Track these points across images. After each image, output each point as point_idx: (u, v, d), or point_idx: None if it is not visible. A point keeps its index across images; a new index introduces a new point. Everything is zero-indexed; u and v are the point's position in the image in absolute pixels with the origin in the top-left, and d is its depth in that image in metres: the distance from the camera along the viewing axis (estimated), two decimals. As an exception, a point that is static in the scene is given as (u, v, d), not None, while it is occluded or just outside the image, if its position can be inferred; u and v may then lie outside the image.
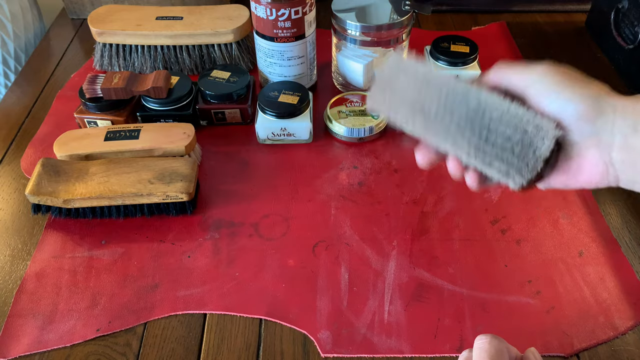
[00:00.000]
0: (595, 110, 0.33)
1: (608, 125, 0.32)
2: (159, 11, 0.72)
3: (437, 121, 0.37)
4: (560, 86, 0.34)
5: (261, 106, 0.61)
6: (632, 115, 0.32)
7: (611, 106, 0.33)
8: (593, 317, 0.47)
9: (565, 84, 0.35)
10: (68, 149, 0.56)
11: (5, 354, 0.45)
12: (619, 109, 0.32)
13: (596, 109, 0.33)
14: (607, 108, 0.33)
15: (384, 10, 0.64)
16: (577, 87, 0.34)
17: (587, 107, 0.33)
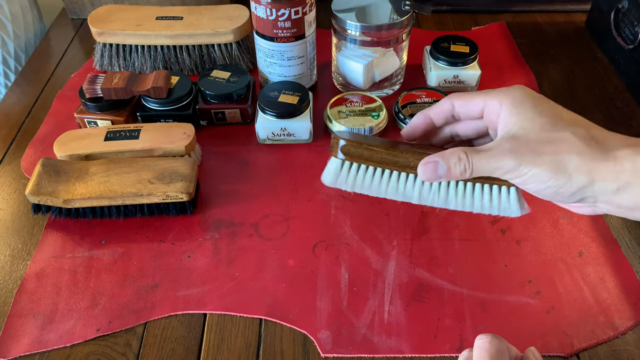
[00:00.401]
0: (573, 186, 0.34)
1: (589, 193, 0.34)
2: (159, 11, 0.72)
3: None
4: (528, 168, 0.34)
5: (261, 106, 0.61)
6: (613, 180, 0.33)
7: (587, 176, 0.33)
8: (593, 317, 0.47)
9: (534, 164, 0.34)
10: (68, 149, 0.56)
11: (5, 354, 0.45)
12: (597, 176, 0.33)
13: (574, 183, 0.34)
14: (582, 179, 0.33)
15: (384, 10, 0.64)
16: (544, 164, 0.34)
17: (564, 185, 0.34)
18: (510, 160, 0.35)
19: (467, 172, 0.37)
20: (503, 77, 0.73)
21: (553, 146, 0.34)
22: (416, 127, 0.41)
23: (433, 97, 0.65)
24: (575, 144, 0.34)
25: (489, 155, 0.36)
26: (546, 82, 0.73)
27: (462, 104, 0.39)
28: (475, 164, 0.36)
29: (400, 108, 0.64)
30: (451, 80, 0.70)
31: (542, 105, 0.36)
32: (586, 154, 0.33)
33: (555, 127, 0.35)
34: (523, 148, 0.35)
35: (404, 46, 0.67)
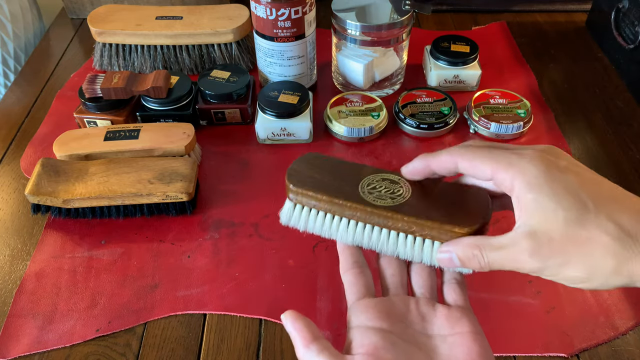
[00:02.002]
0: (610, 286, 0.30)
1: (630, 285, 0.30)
2: (158, 11, 0.72)
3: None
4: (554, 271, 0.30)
5: (261, 106, 0.61)
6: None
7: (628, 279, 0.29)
8: (593, 317, 0.47)
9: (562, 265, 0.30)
10: (68, 148, 0.56)
11: (5, 354, 0.45)
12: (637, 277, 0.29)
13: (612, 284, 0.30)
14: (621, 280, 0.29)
15: (384, 10, 0.64)
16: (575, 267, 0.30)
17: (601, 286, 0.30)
18: (533, 263, 0.31)
19: (484, 269, 0.33)
20: (503, 77, 0.73)
21: (582, 249, 0.30)
22: (415, 173, 0.38)
23: (433, 97, 0.65)
24: (609, 246, 0.29)
25: (507, 254, 0.31)
26: (546, 82, 0.73)
27: (467, 167, 0.34)
28: (492, 262, 0.32)
29: (401, 108, 0.64)
30: (451, 80, 0.69)
31: (562, 189, 0.30)
32: (622, 256, 0.29)
33: (582, 222, 0.29)
34: (545, 249, 0.30)
35: (404, 46, 0.67)
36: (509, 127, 0.62)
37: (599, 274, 0.30)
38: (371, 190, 0.38)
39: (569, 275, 0.31)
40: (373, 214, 0.37)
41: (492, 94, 0.66)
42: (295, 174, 0.41)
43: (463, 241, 0.34)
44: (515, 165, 0.31)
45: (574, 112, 0.68)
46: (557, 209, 0.30)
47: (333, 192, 0.38)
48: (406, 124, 0.63)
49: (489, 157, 0.33)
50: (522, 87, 0.71)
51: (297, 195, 0.40)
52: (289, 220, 0.41)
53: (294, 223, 0.41)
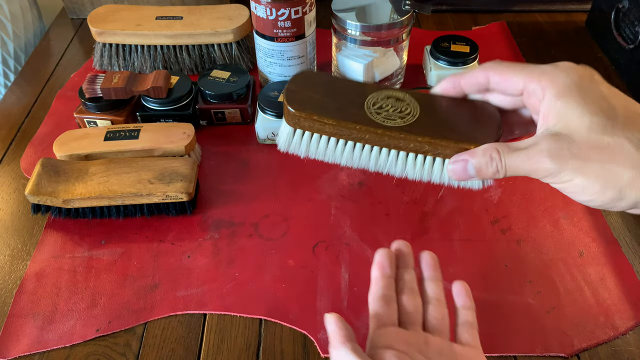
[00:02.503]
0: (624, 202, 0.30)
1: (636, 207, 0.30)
2: (158, 11, 0.72)
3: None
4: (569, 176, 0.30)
5: (261, 106, 0.61)
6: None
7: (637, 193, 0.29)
8: (593, 317, 0.47)
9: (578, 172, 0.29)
10: (68, 148, 0.56)
11: (5, 354, 0.45)
12: None
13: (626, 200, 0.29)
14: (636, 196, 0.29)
15: (384, 10, 0.64)
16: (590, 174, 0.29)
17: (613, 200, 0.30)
18: (550, 165, 0.30)
19: (500, 173, 0.33)
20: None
21: (602, 154, 0.29)
22: (443, 92, 0.37)
23: (433, 97, 0.65)
24: (630, 155, 0.28)
25: (525, 156, 0.31)
26: (546, 82, 0.73)
27: (499, 80, 0.34)
28: (509, 165, 0.32)
29: (401, 108, 0.64)
30: (451, 80, 0.69)
31: (593, 97, 0.30)
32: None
33: (607, 129, 0.29)
34: (566, 151, 0.30)
35: (404, 46, 0.67)
36: (509, 127, 0.62)
37: (613, 185, 0.29)
38: (378, 110, 0.36)
39: (582, 183, 0.30)
40: (384, 136, 0.35)
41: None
42: (294, 96, 0.37)
43: (479, 148, 0.33)
44: (549, 74, 0.31)
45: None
46: (584, 113, 0.29)
47: (340, 115, 0.36)
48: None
49: (522, 68, 0.32)
50: (522, 87, 0.71)
51: (299, 119, 0.37)
52: (288, 146, 0.39)
53: (294, 149, 0.39)
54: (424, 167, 0.36)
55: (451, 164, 0.34)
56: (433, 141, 0.35)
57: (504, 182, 0.58)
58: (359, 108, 0.36)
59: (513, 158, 0.32)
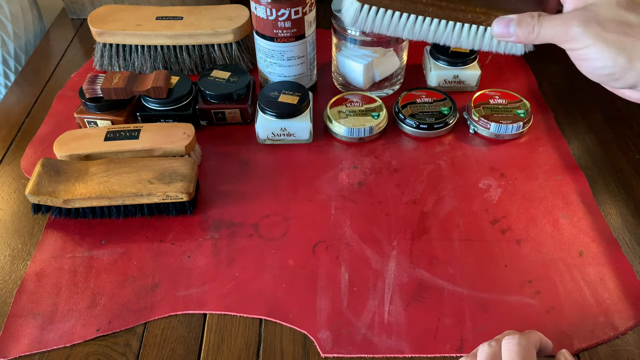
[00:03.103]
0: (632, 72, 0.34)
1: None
2: (159, 11, 0.72)
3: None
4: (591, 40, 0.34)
5: (261, 106, 0.61)
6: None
7: None
8: (593, 317, 0.47)
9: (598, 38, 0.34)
10: (68, 149, 0.56)
11: (5, 354, 0.45)
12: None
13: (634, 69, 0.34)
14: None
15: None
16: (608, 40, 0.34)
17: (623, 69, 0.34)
18: (577, 27, 0.34)
19: (533, 33, 0.38)
20: (503, 77, 0.73)
21: (623, 27, 0.33)
22: None
23: (433, 97, 0.65)
24: None
25: (558, 20, 0.36)
26: (546, 82, 0.73)
27: None
28: (543, 26, 0.37)
29: (401, 108, 0.64)
30: (451, 80, 0.70)
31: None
32: None
33: (630, 7, 0.33)
34: (592, 20, 0.34)
35: (404, 46, 0.67)
36: (509, 127, 0.62)
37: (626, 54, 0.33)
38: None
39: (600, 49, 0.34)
40: (447, 9, 0.41)
41: (492, 94, 0.66)
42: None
43: (524, 13, 0.38)
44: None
45: (573, 113, 0.68)
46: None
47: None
48: (406, 124, 0.63)
49: None
50: (521, 88, 0.71)
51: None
52: (356, 21, 0.43)
53: (360, 24, 0.43)
54: (477, 35, 0.43)
55: (497, 21, 0.40)
56: (489, 11, 0.41)
57: (504, 183, 0.58)
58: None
59: (548, 21, 0.37)
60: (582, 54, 0.35)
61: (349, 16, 0.44)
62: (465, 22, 0.42)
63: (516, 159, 0.61)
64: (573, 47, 0.36)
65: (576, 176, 0.59)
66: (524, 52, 0.43)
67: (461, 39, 0.43)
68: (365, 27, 0.44)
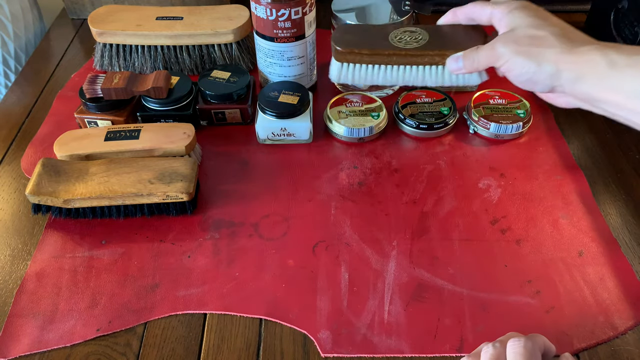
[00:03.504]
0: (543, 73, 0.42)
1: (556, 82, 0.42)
2: (159, 11, 0.72)
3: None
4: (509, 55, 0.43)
5: (261, 106, 0.61)
6: (572, 70, 0.40)
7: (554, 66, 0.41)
8: (593, 317, 0.47)
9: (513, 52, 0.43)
10: (68, 149, 0.56)
11: (5, 353, 0.45)
12: (561, 66, 0.41)
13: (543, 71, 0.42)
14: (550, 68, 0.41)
15: (384, 10, 0.64)
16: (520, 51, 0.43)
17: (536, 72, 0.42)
18: (500, 47, 0.44)
19: (475, 62, 0.47)
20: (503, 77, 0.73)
21: (532, 40, 0.42)
22: (447, 21, 0.53)
23: (433, 97, 0.65)
24: (550, 40, 0.41)
25: (488, 46, 0.46)
26: (546, 82, 0.73)
27: (479, 9, 0.49)
28: (480, 54, 0.47)
29: (400, 108, 0.64)
30: (451, 81, 0.69)
31: (536, 11, 0.44)
32: (556, 47, 0.41)
33: (539, 27, 0.42)
34: (510, 39, 0.43)
35: (404, 46, 0.67)
36: (509, 128, 0.62)
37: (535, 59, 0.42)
38: (399, 40, 0.51)
39: (517, 60, 0.43)
40: (407, 55, 0.50)
41: (492, 95, 0.66)
42: (338, 39, 0.52)
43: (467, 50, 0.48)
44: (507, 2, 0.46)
45: (573, 113, 0.68)
46: (525, 17, 0.43)
47: (372, 46, 0.51)
48: (406, 124, 0.63)
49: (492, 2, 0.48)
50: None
51: (344, 54, 0.51)
52: (339, 77, 0.53)
53: (343, 79, 0.53)
54: (437, 74, 0.51)
55: (449, 60, 0.50)
56: (441, 52, 0.50)
57: (504, 183, 0.58)
58: (385, 40, 0.51)
59: (482, 49, 0.46)
60: (506, 67, 0.44)
61: (334, 74, 0.53)
62: (424, 64, 0.50)
63: (516, 159, 0.61)
64: (500, 64, 0.44)
65: (576, 176, 0.59)
66: (480, 82, 0.51)
67: (425, 78, 0.51)
68: (347, 80, 0.52)
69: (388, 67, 0.51)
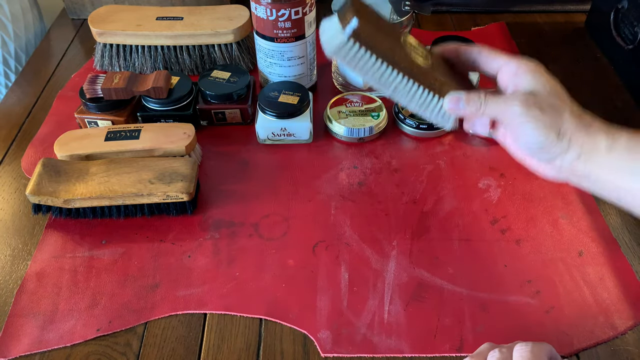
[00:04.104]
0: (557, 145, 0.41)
1: (560, 156, 0.41)
2: (159, 11, 0.72)
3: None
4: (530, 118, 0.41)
5: (261, 106, 0.61)
6: (577, 148, 0.40)
7: (568, 141, 0.41)
8: (593, 317, 0.47)
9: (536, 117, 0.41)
10: (68, 149, 0.56)
11: (5, 353, 0.45)
12: (573, 143, 0.41)
13: (559, 143, 0.41)
14: (565, 142, 0.41)
15: (384, 10, 0.64)
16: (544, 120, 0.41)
17: (552, 142, 0.41)
18: (519, 107, 0.41)
19: (480, 110, 0.43)
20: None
21: (555, 111, 0.41)
22: (446, 50, 0.47)
23: (433, 97, 0.65)
24: (570, 115, 0.41)
25: (503, 100, 0.42)
26: (546, 82, 0.73)
27: (486, 59, 0.45)
28: (489, 104, 0.43)
29: (400, 108, 0.64)
30: (451, 81, 0.69)
31: (552, 79, 0.43)
32: (573, 123, 0.41)
33: (559, 99, 0.42)
34: (532, 102, 0.41)
35: (404, 46, 0.67)
36: (509, 128, 0.62)
37: (556, 130, 0.40)
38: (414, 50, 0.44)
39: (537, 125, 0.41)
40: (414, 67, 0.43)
41: (492, 95, 0.66)
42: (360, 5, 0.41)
43: (471, 91, 0.44)
44: (522, 60, 0.43)
45: (573, 113, 0.68)
46: (547, 85, 0.42)
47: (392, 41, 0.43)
48: (406, 124, 0.64)
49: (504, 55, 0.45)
50: (521, 88, 0.71)
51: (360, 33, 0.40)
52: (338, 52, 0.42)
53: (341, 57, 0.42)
54: (426, 100, 0.44)
55: (449, 96, 0.44)
56: (445, 81, 0.44)
57: (504, 183, 0.58)
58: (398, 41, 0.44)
59: (493, 100, 0.43)
60: (518, 130, 0.42)
61: (331, 46, 0.43)
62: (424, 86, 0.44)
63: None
64: (515, 123, 0.41)
65: (576, 176, 0.59)
66: (452, 128, 0.46)
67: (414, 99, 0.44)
68: (345, 61, 0.43)
69: (390, 69, 0.43)
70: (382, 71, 0.43)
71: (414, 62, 0.43)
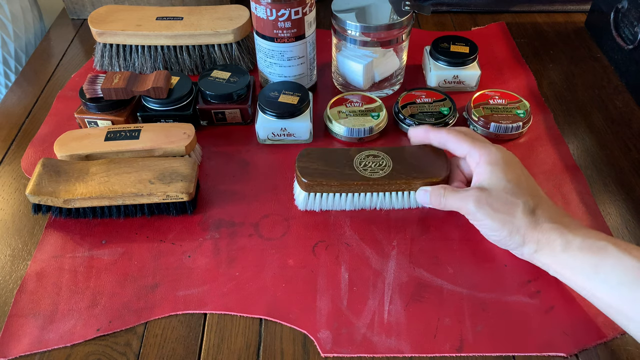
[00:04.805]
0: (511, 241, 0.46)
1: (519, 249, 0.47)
2: (159, 11, 0.72)
3: None
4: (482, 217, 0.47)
5: (261, 106, 0.61)
6: (533, 244, 0.45)
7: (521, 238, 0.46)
8: (593, 316, 0.47)
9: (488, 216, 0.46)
10: (68, 149, 0.56)
11: (5, 353, 0.45)
12: (527, 239, 0.45)
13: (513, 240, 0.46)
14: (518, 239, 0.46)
15: (384, 11, 0.64)
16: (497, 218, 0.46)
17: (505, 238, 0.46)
18: (472, 206, 0.46)
19: (441, 204, 0.50)
20: (503, 77, 0.73)
21: (507, 207, 0.45)
22: (416, 136, 0.54)
23: (433, 97, 0.65)
24: (522, 212, 0.45)
25: (459, 197, 0.48)
26: (546, 82, 0.73)
27: (454, 146, 0.51)
28: (447, 200, 0.49)
29: (400, 108, 0.64)
30: (451, 81, 0.70)
31: (511, 170, 0.47)
32: (525, 221, 0.45)
33: (514, 193, 0.45)
34: (484, 200, 0.46)
35: (403, 46, 0.67)
36: (508, 127, 0.62)
37: (508, 228, 0.45)
38: (364, 168, 0.52)
39: (489, 223, 0.46)
40: (375, 185, 0.52)
41: (492, 95, 0.66)
42: (304, 170, 0.52)
43: (435, 186, 0.51)
44: (486, 148, 0.48)
45: (573, 113, 0.68)
46: (502, 180, 0.46)
47: (340, 177, 0.51)
48: (406, 124, 0.64)
49: (471, 139, 0.50)
50: (521, 88, 0.72)
51: (312, 186, 0.52)
52: (306, 206, 0.54)
53: (310, 207, 0.54)
54: (403, 199, 0.53)
55: (419, 192, 0.52)
56: (408, 181, 0.52)
57: (504, 182, 0.58)
58: (351, 168, 0.52)
59: (451, 197, 0.49)
60: (477, 224, 0.48)
61: (300, 202, 0.54)
62: (391, 191, 0.52)
63: (516, 159, 0.61)
64: (470, 219, 0.48)
65: (576, 176, 0.59)
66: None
67: (392, 202, 0.53)
68: (314, 207, 0.54)
69: (356, 194, 0.53)
70: (347, 199, 0.53)
71: (371, 179, 0.51)
